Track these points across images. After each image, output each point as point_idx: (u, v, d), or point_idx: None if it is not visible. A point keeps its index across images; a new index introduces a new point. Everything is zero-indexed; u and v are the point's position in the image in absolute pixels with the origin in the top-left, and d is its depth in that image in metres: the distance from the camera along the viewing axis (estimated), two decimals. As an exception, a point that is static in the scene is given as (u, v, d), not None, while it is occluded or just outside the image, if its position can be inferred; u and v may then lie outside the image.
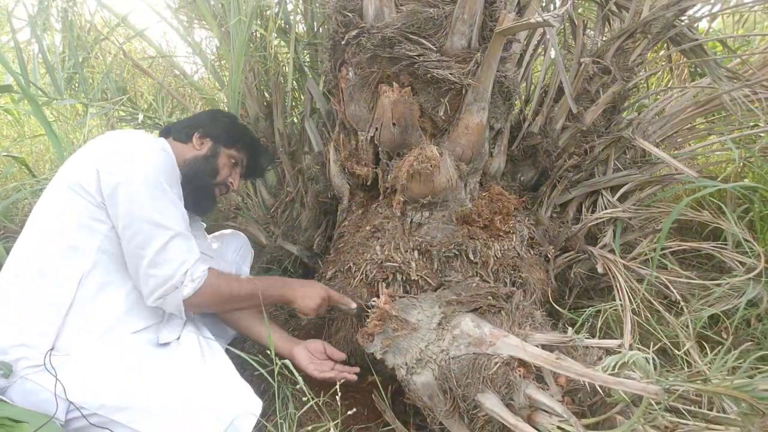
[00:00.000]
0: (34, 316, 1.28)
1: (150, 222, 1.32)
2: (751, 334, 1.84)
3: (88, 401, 1.21)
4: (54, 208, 1.37)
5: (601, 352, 1.28)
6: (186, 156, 1.61)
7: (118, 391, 1.23)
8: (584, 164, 2.03)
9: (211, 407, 1.23)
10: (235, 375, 1.37)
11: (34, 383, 1.22)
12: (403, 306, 1.48)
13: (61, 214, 1.35)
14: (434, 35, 1.64)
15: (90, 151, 1.41)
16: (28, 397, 1.21)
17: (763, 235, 2.15)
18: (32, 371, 1.23)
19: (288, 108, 2.36)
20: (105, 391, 1.23)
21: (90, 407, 1.21)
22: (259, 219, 2.44)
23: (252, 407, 1.27)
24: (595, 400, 1.18)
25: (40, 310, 1.28)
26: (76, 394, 1.21)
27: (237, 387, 1.32)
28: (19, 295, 1.30)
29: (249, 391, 1.31)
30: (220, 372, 1.37)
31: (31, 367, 1.23)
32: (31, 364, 1.23)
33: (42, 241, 1.34)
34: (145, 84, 3.19)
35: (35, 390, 1.21)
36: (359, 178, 1.87)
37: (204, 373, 1.33)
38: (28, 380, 1.22)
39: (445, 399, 1.31)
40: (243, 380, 1.35)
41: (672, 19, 1.85)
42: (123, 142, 1.41)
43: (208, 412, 1.22)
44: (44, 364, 1.22)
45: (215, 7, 2.30)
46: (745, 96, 1.95)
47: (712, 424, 1.04)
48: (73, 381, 1.22)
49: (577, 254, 1.98)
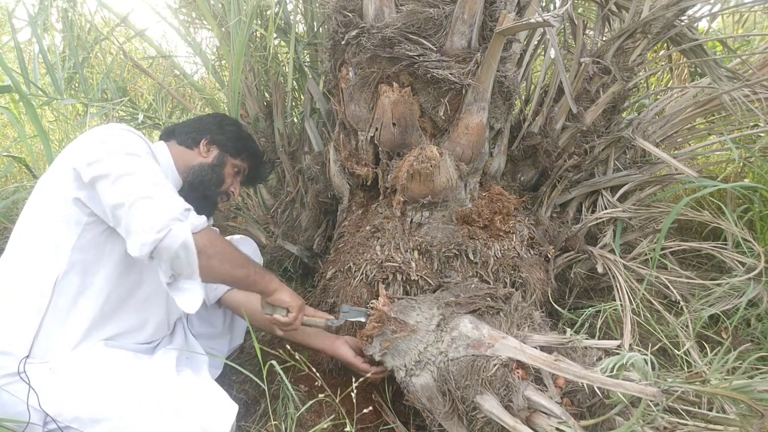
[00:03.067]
0: (13, 321, 1.25)
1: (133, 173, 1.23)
2: (751, 334, 1.84)
3: (63, 413, 1.19)
4: (33, 209, 1.35)
5: (600, 352, 1.28)
6: (192, 162, 1.58)
7: (93, 404, 1.20)
8: (584, 164, 2.03)
9: (185, 415, 1.20)
10: (210, 382, 1.35)
11: (10, 395, 1.20)
12: (401, 308, 1.48)
13: (37, 214, 1.33)
14: (434, 35, 1.64)
15: (67, 149, 1.37)
16: (5, 408, 1.20)
17: (763, 235, 2.16)
18: (8, 381, 1.20)
19: (288, 108, 2.36)
20: (79, 403, 1.20)
21: (64, 420, 1.19)
22: (259, 219, 2.44)
23: (227, 412, 1.25)
24: (594, 402, 1.18)
25: (18, 314, 1.26)
26: (50, 406, 1.19)
27: (211, 392, 1.30)
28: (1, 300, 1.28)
29: (224, 396, 1.29)
30: (193, 379, 1.34)
31: (7, 376, 1.21)
32: (7, 372, 1.21)
33: (21, 244, 1.32)
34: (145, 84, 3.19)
35: (11, 402, 1.19)
36: (359, 178, 1.87)
37: (177, 381, 1.30)
38: (4, 391, 1.20)
39: (444, 401, 1.31)
40: (218, 386, 1.33)
41: (672, 19, 1.85)
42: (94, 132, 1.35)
43: (183, 421, 1.19)
44: (19, 374, 1.19)
45: (215, 7, 2.30)
46: (745, 96, 1.94)
47: (711, 425, 1.04)
48: (47, 391, 1.20)
49: (577, 254, 1.98)
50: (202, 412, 1.22)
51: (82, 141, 1.34)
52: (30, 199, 1.38)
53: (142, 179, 1.23)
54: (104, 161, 1.24)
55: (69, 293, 1.29)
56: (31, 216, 1.35)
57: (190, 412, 1.21)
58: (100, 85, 2.42)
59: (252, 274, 1.39)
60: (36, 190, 1.38)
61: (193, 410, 1.22)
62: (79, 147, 1.33)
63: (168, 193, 1.24)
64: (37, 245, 1.30)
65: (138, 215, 1.18)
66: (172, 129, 1.67)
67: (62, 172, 1.32)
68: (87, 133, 1.37)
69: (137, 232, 1.17)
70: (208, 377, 1.39)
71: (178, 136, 1.63)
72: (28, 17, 2.24)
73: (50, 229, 1.30)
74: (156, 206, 1.19)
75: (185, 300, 1.24)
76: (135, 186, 1.21)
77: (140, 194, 1.20)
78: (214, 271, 1.28)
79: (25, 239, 1.33)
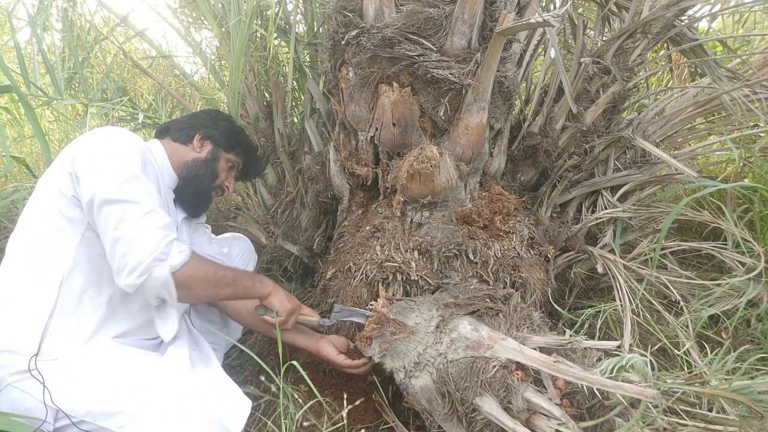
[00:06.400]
0: (19, 320, 1.26)
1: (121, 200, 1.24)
2: (751, 335, 1.84)
3: (75, 408, 1.20)
4: (34, 209, 1.35)
5: (600, 353, 1.28)
6: (186, 158, 1.60)
7: (105, 398, 1.22)
8: (584, 164, 2.03)
9: (200, 409, 1.21)
10: (224, 376, 1.36)
11: (21, 391, 1.21)
12: (400, 309, 1.48)
13: (39, 214, 1.34)
14: (434, 35, 1.64)
15: (66, 150, 1.38)
16: (15, 405, 1.20)
17: (763, 235, 2.15)
18: (18, 378, 1.22)
19: (288, 108, 2.36)
20: (91, 397, 1.22)
21: (77, 414, 1.20)
22: (259, 219, 2.44)
23: (241, 407, 1.27)
24: (594, 403, 1.18)
25: (24, 313, 1.27)
26: (62, 401, 1.20)
27: (225, 388, 1.31)
28: (4, 299, 1.29)
29: (238, 392, 1.31)
30: (208, 374, 1.36)
31: (17, 374, 1.22)
32: (17, 370, 1.22)
33: (25, 244, 1.33)
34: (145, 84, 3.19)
35: (22, 398, 1.20)
36: (359, 178, 1.87)
37: (192, 376, 1.32)
38: (15, 388, 1.21)
39: (444, 402, 1.31)
40: (231, 381, 1.35)
41: (672, 19, 1.84)
42: (92, 135, 1.36)
43: (197, 414, 1.20)
44: (29, 370, 1.21)
45: (215, 7, 2.30)
46: (745, 96, 1.94)
47: (711, 425, 1.04)
48: (59, 387, 1.21)
49: (577, 254, 1.98)
50: (217, 407, 1.24)
51: (82, 145, 1.35)
52: (30, 199, 1.38)
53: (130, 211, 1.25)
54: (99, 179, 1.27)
55: (75, 291, 1.31)
56: (32, 216, 1.35)
57: (206, 407, 1.23)
58: (100, 85, 2.42)
59: (239, 288, 1.43)
60: (36, 191, 1.38)
61: (209, 405, 1.23)
62: (79, 151, 1.33)
63: (152, 227, 1.25)
64: (41, 245, 1.31)
65: (120, 255, 1.23)
66: (167, 126, 1.68)
67: (62, 173, 1.32)
68: (87, 136, 1.38)
69: (120, 272, 1.24)
70: (220, 371, 1.40)
71: (173, 133, 1.64)
72: (28, 17, 2.24)
73: (53, 229, 1.31)
74: (138, 247, 1.22)
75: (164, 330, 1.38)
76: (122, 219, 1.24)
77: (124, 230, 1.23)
78: (197, 297, 1.40)
79: (27, 239, 1.34)
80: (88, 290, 1.33)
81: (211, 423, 1.20)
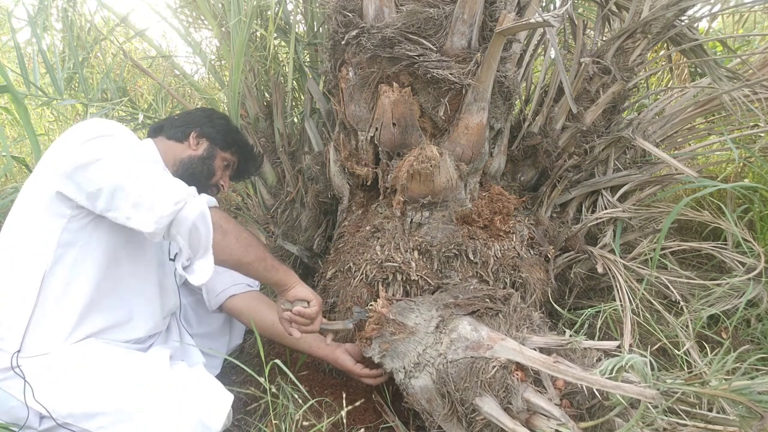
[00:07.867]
0: (2, 315, 1.26)
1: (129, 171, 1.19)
2: (751, 335, 1.84)
3: (57, 410, 1.20)
4: (20, 206, 1.35)
5: (600, 353, 1.27)
6: (181, 155, 1.60)
7: (87, 399, 1.21)
8: (584, 164, 2.03)
9: (181, 407, 1.20)
10: (204, 373, 1.35)
11: (3, 391, 1.20)
12: (400, 309, 1.48)
13: (23, 211, 1.33)
14: (434, 35, 1.64)
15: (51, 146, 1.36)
16: None
17: (763, 235, 2.15)
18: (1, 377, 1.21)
19: (288, 108, 2.36)
20: (72, 399, 1.21)
21: (59, 416, 1.20)
22: (259, 219, 2.44)
23: (222, 402, 1.25)
24: (594, 403, 1.17)
25: (5, 310, 1.26)
26: (46, 402, 1.20)
27: (206, 384, 1.30)
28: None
29: (219, 387, 1.29)
30: (187, 371, 1.34)
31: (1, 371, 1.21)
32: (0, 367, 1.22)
33: (8, 241, 1.32)
34: (145, 84, 3.19)
35: (4, 398, 1.20)
36: (359, 178, 1.87)
37: (172, 375, 1.30)
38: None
39: (444, 403, 1.31)
40: (212, 377, 1.33)
41: (672, 19, 1.84)
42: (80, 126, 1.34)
43: (179, 412, 1.20)
44: (12, 368, 1.20)
45: (215, 7, 2.30)
46: (745, 96, 1.94)
47: (711, 425, 1.04)
48: (41, 388, 1.20)
49: (577, 254, 1.98)
50: (197, 403, 1.22)
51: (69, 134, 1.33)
52: (18, 197, 1.38)
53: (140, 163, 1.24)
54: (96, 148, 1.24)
55: (57, 286, 1.29)
56: (17, 213, 1.35)
57: (186, 403, 1.22)
58: (100, 85, 2.42)
59: (269, 258, 1.36)
60: (23, 188, 1.38)
61: (189, 401, 1.22)
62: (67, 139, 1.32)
63: (173, 179, 1.24)
64: (23, 241, 1.30)
65: (149, 190, 1.15)
66: (161, 125, 1.68)
67: (46, 166, 1.32)
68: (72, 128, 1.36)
69: (152, 206, 1.14)
70: (201, 369, 1.38)
71: (167, 131, 1.63)
72: (28, 17, 2.24)
73: (35, 225, 1.30)
74: (165, 182, 1.19)
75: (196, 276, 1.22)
76: (136, 166, 1.21)
77: (143, 173, 1.18)
78: (229, 248, 1.25)
79: (11, 236, 1.33)
80: (71, 283, 1.30)
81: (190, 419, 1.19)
